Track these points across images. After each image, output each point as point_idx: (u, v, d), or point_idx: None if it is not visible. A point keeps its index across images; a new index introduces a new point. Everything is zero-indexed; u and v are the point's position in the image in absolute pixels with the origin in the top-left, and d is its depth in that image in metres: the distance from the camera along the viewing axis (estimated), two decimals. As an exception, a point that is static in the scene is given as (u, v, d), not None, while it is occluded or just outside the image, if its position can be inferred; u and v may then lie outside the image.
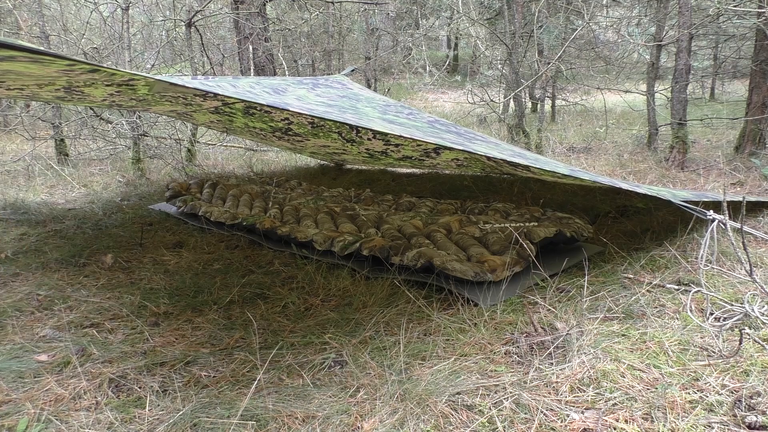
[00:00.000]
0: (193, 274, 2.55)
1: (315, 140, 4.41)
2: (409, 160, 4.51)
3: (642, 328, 1.83)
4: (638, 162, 5.18)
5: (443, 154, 4.18)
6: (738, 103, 6.98)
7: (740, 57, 7.41)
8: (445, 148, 2.98)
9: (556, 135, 7.05)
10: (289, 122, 4.15)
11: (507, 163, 2.45)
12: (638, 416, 1.36)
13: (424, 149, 4.15)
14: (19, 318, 2.07)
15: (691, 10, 4.91)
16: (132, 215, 3.74)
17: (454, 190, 4.05)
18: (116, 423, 1.39)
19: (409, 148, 4.20)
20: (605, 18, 8.65)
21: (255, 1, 7.37)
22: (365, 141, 4.23)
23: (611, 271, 2.39)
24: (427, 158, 4.35)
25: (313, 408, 1.44)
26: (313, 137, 4.37)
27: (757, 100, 4.83)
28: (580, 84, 8.29)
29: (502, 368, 1.62)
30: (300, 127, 4.22)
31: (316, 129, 4.22)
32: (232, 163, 5.79)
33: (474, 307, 2.09)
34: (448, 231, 2.74)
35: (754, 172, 4.22)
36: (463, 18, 7.95)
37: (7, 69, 1.89)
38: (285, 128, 4.30)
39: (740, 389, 1.44)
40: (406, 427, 1.34)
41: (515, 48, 6.64)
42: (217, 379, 1.62)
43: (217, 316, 2.08)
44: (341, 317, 2.04)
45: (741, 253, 2.14)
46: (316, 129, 4.23)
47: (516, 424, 1.35)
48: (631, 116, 8.18)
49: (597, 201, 3.55)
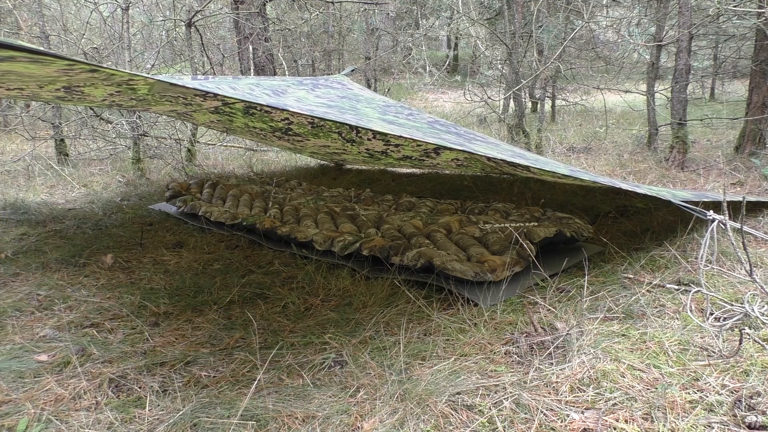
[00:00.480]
0: (193, 274, 2.55)
1: (315, 140, 4.41)
2: (409, 160, 4.51)
3: (642, 328, 1.83)
4: (638, 162, 5.18)
5: (443, 155, 4.18)
6: (738, 103, 6.98)
7: (740, 57, 7.41)
8: (445, 149, 2.98)
9: (556, 135, 7.05)
10: (289, 122, 4.15)
11: (507, 163, 2.45)
12: (638, 416, 1.36)
13: (424, 149, 4.15)
14: (19, 318, 2.07)
15: (691, 10, 4.91)
16: (132, 215, 3.74)
17: (454, 190, 4.05)
18: (116, 423, 1.39)
19: (409, 149, 4.20)
20: (605, 18, 8.65)
21: (255, 1, 7.37)
22: (365, 141, 4.23)
23: (611, 271, 2.39)
24: (427, 158, 4.35)
25: (313, 408, 1.44)
26: (313, 137, 4.37)
27: (757, 100, 4.83)
28: (580, 84, 8.29)
29: (502, 368, 1.62)
30: (300, 127, 4.22)
31: (316, 129, 4.22)
32: (232, 163, 5.79)
33: (474, 307, 2.09)
34: (448, 231, 2.74)
35: (754, 172, 4.22)
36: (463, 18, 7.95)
37: (7, 69, 1.89)
38: (285, 128, 4.30)
39: (740, 389, 1.44)
40: (406, 427, 1.34)
41: (515, 48, 6.64)
42: (217, 379, 1.62)
43: (217, 316, 2.08)
44: (341, 317, 2.04)
45: (741, 253, 2.14)
46: (316, 129, 4.23)
47: (516, 424, 1.35)
48: (631, 116, 8.18)
49: (597, 201, 3.55)
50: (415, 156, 4.34)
